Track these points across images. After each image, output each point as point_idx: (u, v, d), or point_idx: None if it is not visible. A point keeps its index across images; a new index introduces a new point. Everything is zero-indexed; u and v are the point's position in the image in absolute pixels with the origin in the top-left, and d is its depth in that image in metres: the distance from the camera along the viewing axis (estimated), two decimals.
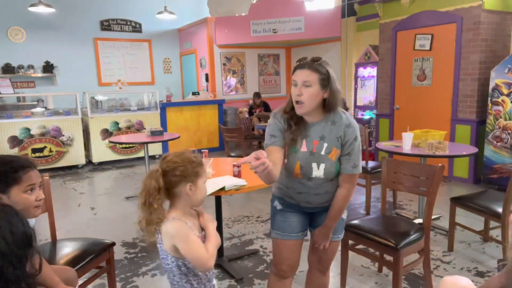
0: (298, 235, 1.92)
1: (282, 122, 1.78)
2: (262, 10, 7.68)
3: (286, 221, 1.90)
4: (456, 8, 5.08)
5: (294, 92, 1.70)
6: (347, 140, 1.75)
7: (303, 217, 1.93)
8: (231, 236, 3.58)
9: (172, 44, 9.42)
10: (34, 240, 1.08)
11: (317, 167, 1.75)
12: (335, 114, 1.77)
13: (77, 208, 4.59)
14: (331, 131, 1.75)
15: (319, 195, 1.83)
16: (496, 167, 4.81)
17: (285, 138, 1.76)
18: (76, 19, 8.28)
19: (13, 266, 0.97)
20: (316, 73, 1.68)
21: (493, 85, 4.79)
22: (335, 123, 1.76)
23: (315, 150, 1.75)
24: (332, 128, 1.76)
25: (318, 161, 1.75)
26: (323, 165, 1.75)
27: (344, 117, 1.77)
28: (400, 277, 2.27)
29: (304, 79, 1.68)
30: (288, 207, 1.90)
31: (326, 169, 1.75)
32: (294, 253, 1.94)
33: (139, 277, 2.89)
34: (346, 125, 1.76)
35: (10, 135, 6.03)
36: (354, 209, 4.31)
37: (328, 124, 1.76)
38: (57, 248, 2.26)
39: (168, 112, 7.48)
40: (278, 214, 1.93)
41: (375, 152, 6.29)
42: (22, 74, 7.79)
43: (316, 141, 1.76)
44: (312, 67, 1.68)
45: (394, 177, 2.67)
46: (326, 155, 1.75)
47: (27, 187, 1.49)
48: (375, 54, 6.57)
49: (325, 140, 1.75)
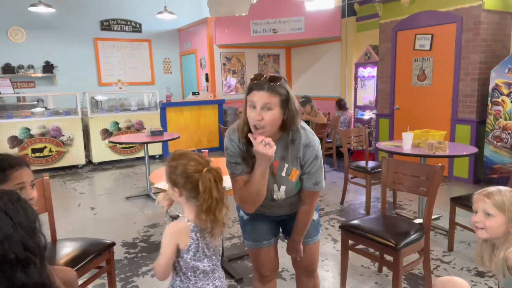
0: (270, 242, 1.90)
1: (240, 147, 1.65)
2: (262, 10, 7.68)
3: (255, 230, 1.87)
4: (456, 8, 5.08)
5: (253, 115, 1.52)
6: (306, 161, 1.66)
7: (272, 224, 1.90)
8: (231, 236, 3.58)
9: (172, 44, 9.42)
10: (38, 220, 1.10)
11: (277, 189, 1.71)
12: (293, 132, 1.65)
13: (77, 208, 4.59)
14: (291, 151, 1.66)
15: (283, 207, 1.81)
16: (496, 167, 4.81)
17: (247, 163, 1.65)
18: (76, 19, 8.28)
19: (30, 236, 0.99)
20: (276, 95, 1.51)
21: (493, 85, 4.79)
22: (294, 142, 1.65)
23: (276, 172, 1.68)
24: (291, 147, 1.66)
25: (279, 183, 1.69)
26: (283, 187, 1.70)
27: (304, 136, 1.65)
28: (400, 277, 2.27)
29: (264, 101, 1.50)
30: (255, 216, 1.85)
31: (287, 190, 1.71)
32: (270, 258, 1.93)
33: (139, 277, 2.89)
34: (305, 145, 1.64)
35: (10, 135, 6.03)
36: (354, 209, 4.32)
37: (288, 143, 1.66)
38: (57, 248, 2.26)
39: (168, 112, 7.48)
40: (247, 225, 1.89)
41: (375, 152, 6.29)
42: (22, 74, 7.79)
43: (276, 162, 1.66)
44: (272, 88, 1.51)
45: (394, 177, 2.67)
46: (287, 177, 1.68)
47: (15, 185, 1.48)
48: (375, 54, 6.57)
49: (285, 160, 1.67)
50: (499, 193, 1.39)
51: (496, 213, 1.38)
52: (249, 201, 1.67)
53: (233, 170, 1.67)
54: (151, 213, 4.33)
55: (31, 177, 1.55)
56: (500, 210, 1.36)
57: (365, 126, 4.93)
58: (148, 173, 4.99)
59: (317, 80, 8.49)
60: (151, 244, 3.46)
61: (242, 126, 1.62)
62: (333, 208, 4.32)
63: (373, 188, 4.19)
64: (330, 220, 3.96)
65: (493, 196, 1.39)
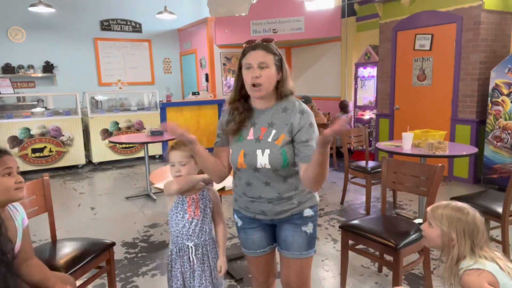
0: (265, 250, 1.83)
1: (227, 115, 1.72)
2: (262, 10, 7.68)
3: (248, 239, 1.81)
4: (456, 8, 5.08)
5: (250, 74, 1.58)
6: (302, 126, 1.60)
7: (266, 232, 1.81)
8: (231, 236, 3.58)
9: (172, 44, 9.42)
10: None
11: (261, 154, 1.61)
12: (287, 101, 1.66)
13: (77, 208, 4.59)
14: (281, 118, 1.63)
15: (272, 202, 1.67)
16: (496, 167, 4.81)
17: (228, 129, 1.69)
18: (76, 19, 8.28)
19: None
20: (271, 54, 1.60)
21: (493, 85, 4.79)
22: (287, 111, 1.64)
23: (262, 138, 1.63)
24: (282, 115, 1.64)
25: (263, 147, 1.61)
26: (267, 150, 1.60)
27: (298, 104, 1.66)
28: (400, 277, 2.27)
29: (260, 60, 1.57)
30: (248, 223, 1.80)
31: (272, 156, 1.59)
32: (267, 266, 1.88)
33: (139, 277, 2.89)
34: (300, 110, 1.63)
35: (10, 135, 6.03)
36: (354, 209, 4.32)
37: (279, 111, 1.65)
38: (57, 248, 2.26)
39: (168, 112, 7.48)
40: (241, 232, 1.85)
41: (375, 152, 6.29)
42: (22, 74, 7.78)
43: (264, 127, 1.64)
44: (267, 47, 1.60)
45: (394, 177, 2.67)
46: (273, 142, 1.61)
47: (4, 170, 1.56)
48: (375, 54, 6.57)
49: (273, 127, 1.63)
50: (443, 208, 1.49)
51: (435, 225, 1.48)
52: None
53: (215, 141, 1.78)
54: (151, 213, 4.33)
55: (16, 164, 1.63)
56: (438, 222, 1.47)
57: (365, 126, 4.94)
58: (148, 173, 4.99)
59: (317, 80, 8.48)
60: (151, 244, 3.46)
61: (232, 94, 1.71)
62: (333, 208, 4.32)
63: (373, 188, 4.19)
64: (330, 220, 3.96)
65: (436, 210, 1.50)
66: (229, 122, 1.70)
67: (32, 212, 2.25)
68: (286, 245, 1.75)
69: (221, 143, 1.76)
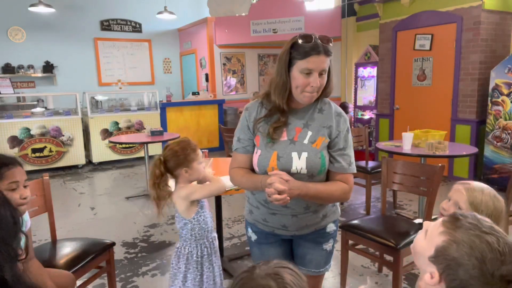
0: None
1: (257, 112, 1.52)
2: (262, 10, 7.68)
3: (263, 256, 1.63)
4: (456, 8, 5.08)
5: (308, 80, 1.39)
6: (340, 131, 1.49)
7: (282, 249, 1.63)
8: (231, 236, 3.58)
9: (172, 44, 9.42)
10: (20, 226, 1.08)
11: (298, 157, 1.44)
12: (322, 102, 1.53)
13: (77, 208, 4.59)
14: (317, 119, 1.49)
15: (296, 216, 1.51)
16: (496, 167, 4.81)
17: (256, 128, 1.50)
18: (76, 19, 8.28)
19: None
20: (329, 58, 1.42)
21: (493, 85, 4.79)
22: (323, 112, 1.51)
23: (297, 139, 1.47)
24: (318, 115, 1.50)
25: (299, 150, 1.45)
26: (304, 154, 1.44)
27: (334, 106, 1.54)
28: (400, 277, 2.27)
29: (323, 68, 1.40)
30: (264, 238, 1.62)
31: (309, 159, 1.44)
32: None
33: (139, 277, 2.89)
34: (337, 113, 1.51)
35: (10, 135, 6.03)
36: (354, 209, 4.32)
37: (315, 112, 1.51)
38: (57, 248, 2.26)
39: (168, 112, 7.48)
40: (255, 247, 1.67)
41: (375, 152, 6.29)
42: (22, 74, 7.78)
43: (299, 128, 1.48)
44: (328, 52, 1.41)
45: (394, 177, 2.67)
46: (310, 144, 1.46)
47: (9, 184, 1.47)
48: (375, 54, 6.56)
49: (309, 128, 1.48)
50: (480, 192, 1.25)
51: (468, 209, 1.24)
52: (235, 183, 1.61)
53: (234, 144, 1.57)
54: (151, 213, 4.33)
55: (24, 176, 1.53)
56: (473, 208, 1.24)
57: (365, 126, 4.94)
58: (148, 173, 4.99)
59: None
60: (151, 244, 3.46)
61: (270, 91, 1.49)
62: None
63: (373, 188, 4.19)
64: None
65: (472, 193, 1.26)
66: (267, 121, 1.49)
67: (32, 212, 2.25)
68: (303, 262, 1.62)
69: (245, 150, 1.54)
